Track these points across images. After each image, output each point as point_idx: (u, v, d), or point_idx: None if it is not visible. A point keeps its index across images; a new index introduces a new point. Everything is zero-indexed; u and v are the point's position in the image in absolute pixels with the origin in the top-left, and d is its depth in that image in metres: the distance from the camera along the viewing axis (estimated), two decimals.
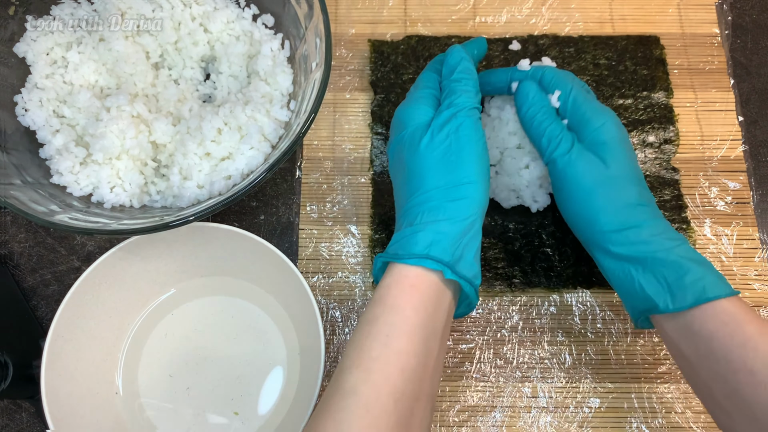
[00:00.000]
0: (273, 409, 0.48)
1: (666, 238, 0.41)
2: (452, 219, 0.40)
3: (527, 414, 0.49)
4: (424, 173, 0.42)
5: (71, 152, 0.48)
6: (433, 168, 0.42)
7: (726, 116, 0.57)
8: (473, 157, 0.42)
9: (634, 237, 0.41)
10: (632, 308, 0.42)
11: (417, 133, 0.43)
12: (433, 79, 0.46)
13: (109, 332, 0.49)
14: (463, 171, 0.41)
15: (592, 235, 0.44)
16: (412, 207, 0.42)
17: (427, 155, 0.42)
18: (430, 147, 0.42)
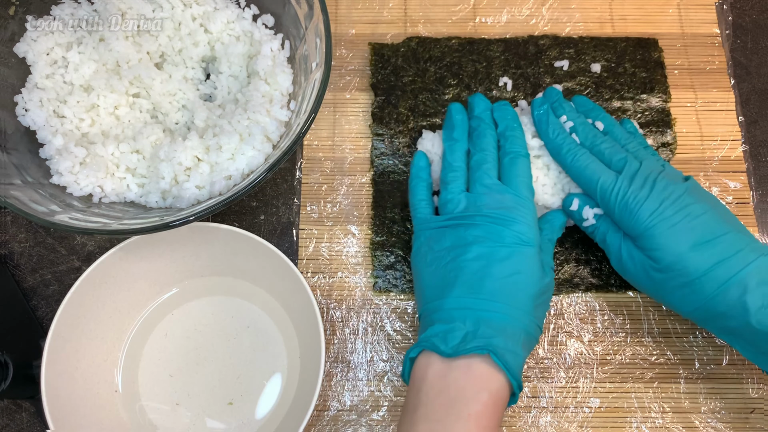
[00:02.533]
0: (272, 409, 0.48)
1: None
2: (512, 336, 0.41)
3: (527, 414, 0.49)
4: (495, 282, 0.43)
5: (71, 152, 0.48)
6: (505, 286, 0.43)
7: (726, 116, 0.57)
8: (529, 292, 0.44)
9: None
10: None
11: (536, 258, 0.44)
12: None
13: (110, 332, 0.49)
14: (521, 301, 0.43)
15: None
16: (466, 309, 0.42)
17: (536, 284, 0.44)
18: (544, 280, 0.44)
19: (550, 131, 0.49)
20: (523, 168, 0.47)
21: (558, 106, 0.51)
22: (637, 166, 0.46)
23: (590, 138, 0.49)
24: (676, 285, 0.43)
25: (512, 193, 0.46)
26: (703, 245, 0.43)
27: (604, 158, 0.48)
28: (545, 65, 0.57)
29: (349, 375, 0.50)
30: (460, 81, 0.57)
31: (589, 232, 0.49)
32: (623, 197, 0.45)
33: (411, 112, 0.56)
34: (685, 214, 0.44)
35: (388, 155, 0.55)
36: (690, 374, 0.49)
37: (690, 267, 0.42)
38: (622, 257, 0.46)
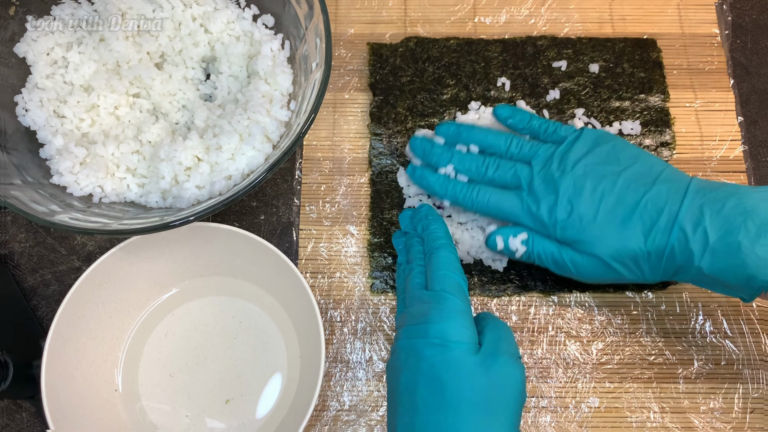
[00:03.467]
0: (272, 409, 0.49)
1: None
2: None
3: (527, 414, 0.49)
4: (462, 413, 0.36)
5: (71, 152, 0.48)
6: (475, 411, 0.37)
7: (726, 116, 0.57)
8: (515, 412, 0.38)
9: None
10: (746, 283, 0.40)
11: (466, 358, 0.38)
12: (466, 292, 0.43)
13: (110, 332, 0.49)
14: (500, 428, 0.37)
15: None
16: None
17: (473, 392, 0.37)
18: (480, 385, 0.37)
19: (437, 190, 0.48)
20: (440, 259, 0.43)
21: (429, 155, 0.49)
22: (528, 173, 0.46)
23: (474, 170, 0.48)
24: (634, 267, 0.43)
25: (431, 293, 0.42)
26: (632, 220, 0.43)
27: (497, 183, 0.47)
28: (543, 65, 0.57)
29: (349, 375, 0.50)
30: (459, 81, 0.57)
31: (524, 259, 0.47)
32: (536, 216, 0.45)
33: (409, 112, 0.56)
34: (598, 198, 0.43)
35: (386, 155, 0.55)
36: (689, 374, 0.49)
37: (631, 248, 0.42)
38: (567, 266, 0.45)
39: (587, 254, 0.44)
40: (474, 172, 0.48)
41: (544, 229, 0.45)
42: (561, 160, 0.45)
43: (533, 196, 0.45)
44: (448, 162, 0.49)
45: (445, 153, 0.49)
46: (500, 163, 0.47)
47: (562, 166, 0.45)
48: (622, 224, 0.43)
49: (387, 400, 0.43)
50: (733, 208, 0.40)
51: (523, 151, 0.47)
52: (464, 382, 0.37)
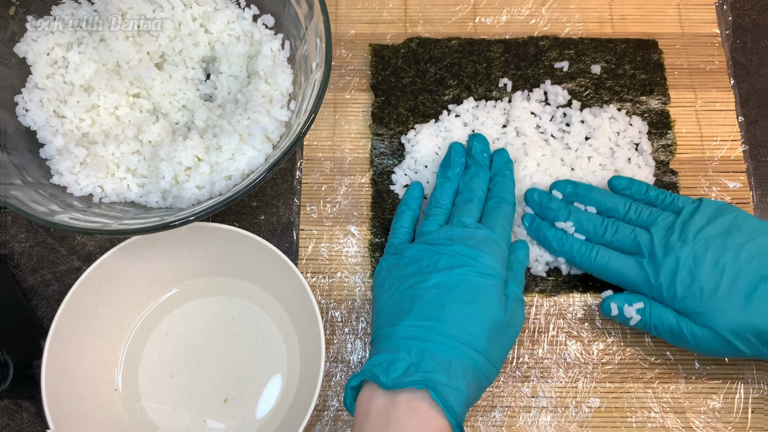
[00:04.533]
0: (272, 409, 0.49)
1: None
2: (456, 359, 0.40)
3: (527, 414, 0.49)
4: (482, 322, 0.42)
5: (71, 152, 0.48)
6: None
7: (726, 116, 0.57)
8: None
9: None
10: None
11: (498, 290, 0.44)
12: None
13: (110, 332, 0.49)
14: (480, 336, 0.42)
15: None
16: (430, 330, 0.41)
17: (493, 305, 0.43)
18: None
19: (554, 245, 0.49)
20: (505, 214, 0.47)
21: (546, 209, 0.50)
22: (648, 240, 0.46)
23: (592, 230, 0.48)
24: (755, 344, 0.42)
25: (486, 230, 0.45)
26: (756, 295, 0.42)
27: (615, 246, 0.47)
28: (545, 66, 0.57)
29: (349, 375, 0.50)
30: (460, 82, 0.57)
31: (639, 327, 0.47)
32: (656, 285, 0.45)
33: (411, 112, 0.56)
34: (720, 270, 0.43)
35: (388, 155, 0.55)
36: (690, 374, 0.49)
37: (755, 324, 0.41)
38: (686, 339, 0.44)
39: (707, 327, 0.43)
40: (592, 233, 0.48)
41: (662, 298, 0.45)
42: (682, 230, 0.45)
43: (653, 264, 0.45)
44: (566, 218, 0.49)
45: (563, 208, 0.49)
46: (619, 226, 0.47)
47: (683, 236, 0.45)
48: (745, 299, 0.42)
49: (383, 301, 0.45)
50: None
51: (642, 217, 0.47)
52: (490, 306, 0.42)
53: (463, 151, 0.51)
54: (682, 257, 0.44)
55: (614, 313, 0.47)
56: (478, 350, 0.41)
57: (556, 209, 0.49)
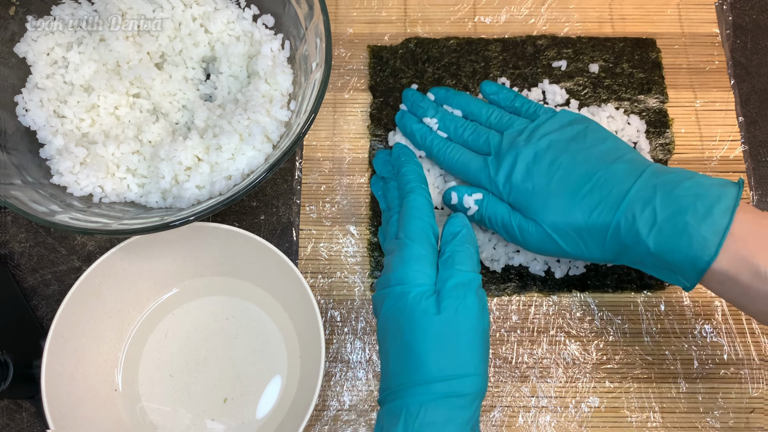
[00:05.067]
0: (272, 409, 0.49)
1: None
2: (453, 421, 0.38)
3: (527, 413, 0.49)
4: (423, 353, 0.39)
5: (71, 152, 0.48)
6: (434, 349, 0.39)
7: (726, 116, 0.57)
8: (477, 341, 0.40)
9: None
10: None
11: (419, 301, 0.40)
12: (431, 237, 0.43)
13: (110, 332, 0.49)
14: (465, 359, 0.39)
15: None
16: (407, 389, 0.39)
17: (429, 331, 0.39)
18: (434, 323, 0.39)
19: (417, 138, 0.51)
20: (408, 204, 0.45)
21: (416, 106, 0.53)
22: (498, 141, 0.47)
23: (452, 129, 0.50)
24: (575, 240, 0.43)
25: (398, 240, 0.44)
26: (580, 192, 0.43)
27: (470, 146, 0.49)
28: (543, 65, 0.57)
29: (349, 375, 0.50)
30: (458, 81, 0.57)
31: (476, 220, 0.48)
32: (495, 180, 0.46)
33: None
34: (555, 169, 0.44)
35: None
36: (689, 374, 0.49)
37: (574, 220, 0.43)
38: (514, 231, 0.46)
39: (533, 221, 0.45)
40: (452, 132, 0.51)
41: (499, 193, 0.47)
42: (531, 132, 0.47)
43: (496, 161, 0.47)
44: (433, 116, 0.52)
45: (432, 107, 0.52)
46: (477, 128, 0.50)
47: (530, 138, 0.46)
48: (571, 196, 0.43)
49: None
50: (685, 190, 0.40)
51: (501, 123, 0.50)
52: (418, 324, 0.39)
53: (376, 179, 0.54)
54: (523, 154, 0.46)
55: (454, 201, 0.49)
56: (433, 380, 0.38)
57: (426, 107, 0.52)
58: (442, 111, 0.52)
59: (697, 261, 0.39)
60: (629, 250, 0.42)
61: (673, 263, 0.40)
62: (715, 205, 0.38)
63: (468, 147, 0.50)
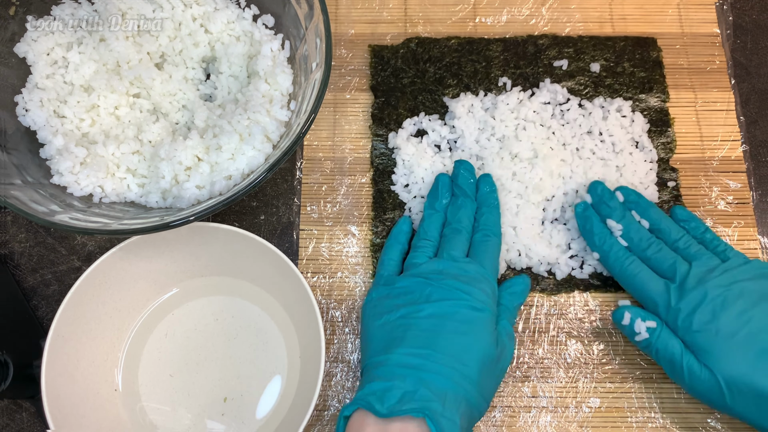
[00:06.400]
0: (272, 409, 0.49)
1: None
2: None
3: (527, 414, 0.49)
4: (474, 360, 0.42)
5: (71, 152, 0.48)
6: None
7: (726, 116, 0.57)
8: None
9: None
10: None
11: (489, 324, 0.44)
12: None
13: (110, 332, 0.49)
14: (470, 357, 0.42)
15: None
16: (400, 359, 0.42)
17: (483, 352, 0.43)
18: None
19: (596, 239, 0.49)
20: (493, 247, 0.48)
21: (603, 205, 0.50)
22: (686, 270, 0.45)
23: (636, 240, 0.48)
24: (750, 401, 0.41)
25: (476, 266, 0.46)
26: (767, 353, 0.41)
27: (651, 264, 0.47)
28: (544, 65, 0.57)
29: (350, 375, 0.50)
30: (460, 81, 0.57)
31: (642, 346, 0.46)
32: (675, 310, 0.44)
33: (410, 113, 0.56)
34: (745, 321, 0.42)
35: (388, 155, 0.55)
36: None
37: (760, 381, 0.40)
38: (683, 372, 0.43)
39: (707, 368, 0.42)
40: (635, 242, 0.48)
41: (675, 326, 0.45)
42: (722, 274, 0.45)
43: (680, 291, 0.45)
44: (619, 220, 0.49)
45: (619, 211, 0.49)
46: (663, 249, 0.47)
47: (721, 279, 0.44)
48: (759, 354, 0.41)
49: (375, 329, 0.45)
50: None
51: (690, 250, 0.47)
52: (483, 339, 0.43)
53: (449, 183, 0.52)
54: (711, 294, 0.44)
55: (625, 322, 0.46)
56: (471, 382, 0.41)
57: (613, 207, 0.49)
58: (630, 217, 0.49)
59: None
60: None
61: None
62: None
63: (649, 264, 0.47)
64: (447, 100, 0.56)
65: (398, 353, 0.42)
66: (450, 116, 0.55)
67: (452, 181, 0.51)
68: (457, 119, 0.54)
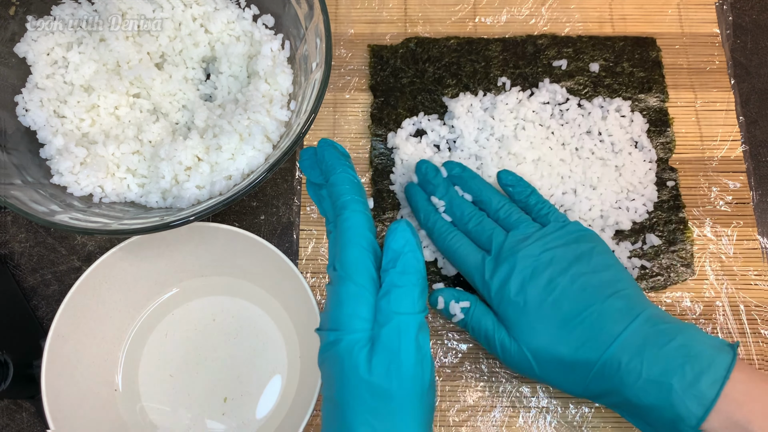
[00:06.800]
0: (272, 409, 0.49)
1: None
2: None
3: (527, 413, 0.49)
4: (350, 418, 0.34)
5: (71, 152, 0.48)
6: (364, 414, 0.34)
7: (726, 116, 0.57)
8: (411, 405, 0.35)
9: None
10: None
11: (350, 353, 0.35)
12: (370, 267, 0.37)
13: (110, 332, 0.49)
14: (401, 427, 0.34)
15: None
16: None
17: (358, 393, 0.34)
18: (362, 385, 0.34)
19: (421, 216, 0.49)
20: (342, 226, 0.39)
21: (427, 182, 0.50)
22: (501, 240, 0.45)
23: (458, 215, 0.48)
24: (555, 370, 0.41)
25: (333, 274, 0.38)
26: (570, 323, 0.41)
27: (473, 237, 0.47)
28: (544, 65, 0.57)
29: None
30: (459, 81, 0.57)
31: (461, 326, 0.47)
32: (487, 283, 0.44)
33: (410, 113, 0.56)
34: (550, 291, 0.42)
35: (387, 155, 0.55)
36: None
37: (561, 351, 0.40)
38: (496, 347, 0.44)
39: (516, 342, 0.43)
40: (458, 217, 0.48)
41: (489, 299, 0.44)
42: (535, 242, 0.44)
43: (494, 264, 0.44)
44: (442, 196, 0.49)
45: (443, 187, 0.49)
46: (483, 221, 0.47)
47: (532, 248, 0.44)
48: (560, 326, 0.41)
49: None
50: (675, 349, 0.38)
51: (509, 220, 0.46)
52: (348, 384, 0.35)
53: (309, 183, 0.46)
54: (521, 265, 0.43)
55: (440, 307, 0.47)
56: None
57: (436, 185, 0.49)
58: (453, 192, 0.49)
59: (680, 426, 0.37)
60: (612, 395, 0.40)
61: (654, 421, 0.38)
62: (705, 374, 0.37)
63: (471, 238, 0.47)
64: (446, 99, 0.56)
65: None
66: (449, 116, 0.55)
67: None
68: (456, 119, 0.54)
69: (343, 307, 0.36)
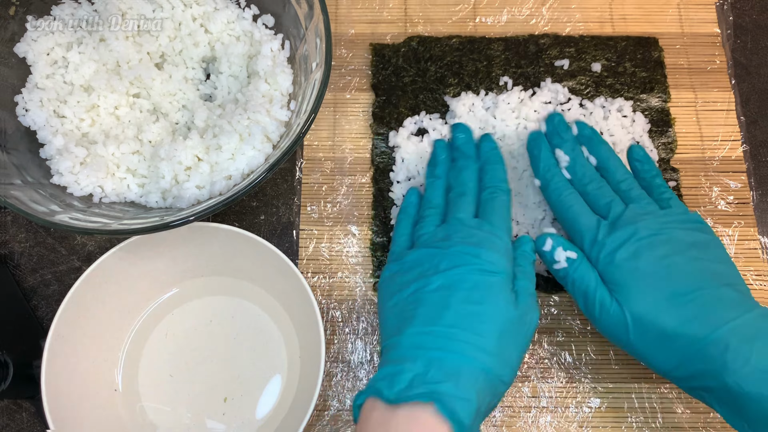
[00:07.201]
0: (272, 409, 0.49)
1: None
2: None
3: (527, 414, 0.49)
4: (492, 331, 0.39)
5: (71, 152, 0.48)
6: (502, 336, 0.40)
7: (726, 116, 0.57)
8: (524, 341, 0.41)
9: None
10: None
11: (506, 287, 0.41)
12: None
13: (110, 332, 0.49)
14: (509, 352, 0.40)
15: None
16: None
17: (502, 318, 0.40)
18: (510, 313, 0.41)
19: (541, 166, 0.49)
20: (501, 203, 0.46)
21: (556, 135, 0.50)
22: (620, 211, 0.45)
23: (579, 176, 0.48)
24: (652, 341, 0.41)
25: (486, 225, 0.44)
26: (681, 298, 0.40)
27: (589, 200, 0.47)
28: (545, 64, 0.57)
29: (350, 375, 0.50)
30: (461, 80, 0.57)
31: (560, 276, 0.46)
32: (600, 244, 0.44)
33: (412, 111, 0.56)
34: (665, 265, 0.42)
35: (389, 154, 0.55)
36: None
37: (665, 322, 0.40)
38: (594, 305, 0.43)
39: (618, 304, 0.42)
40: (578, 176, 0.48)
41: (597, 260, 0.44)
42: (655, 219, 0.44)
43: (610, 229, 0.44)
44: (567, 152, 0.49)
45: (570, 144, 0.49)
46: (603, 187, 0.47)
47: (652, 222, 0.44)
48: (670, 297, 0.41)
49: (388, 310, 0.43)
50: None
51: (631, 194, 0.46)
52: (498, 304, 0.40)
53: (446, 146, 0.51)
54: (640, 234, 0.43)
55: (546, 248, 0.46)
56: (489, 353, 0.38)
57: (565, 139, 0.49)
58: (579, 152, 0.49)
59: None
60: (707, 378, 0.39)
61: (753, 413, 0.37)
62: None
63: (587, 200, 0.47)
64: (448, 99, 0.56)
65: (408, 333, 0.39)
66: (451, 115, 0.55)
67: (450, 145, 0.51)
68: (458, 118, 0.54)
69: (503, 256, 0.43)
